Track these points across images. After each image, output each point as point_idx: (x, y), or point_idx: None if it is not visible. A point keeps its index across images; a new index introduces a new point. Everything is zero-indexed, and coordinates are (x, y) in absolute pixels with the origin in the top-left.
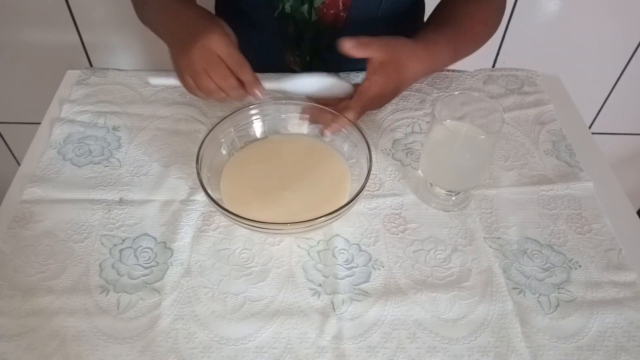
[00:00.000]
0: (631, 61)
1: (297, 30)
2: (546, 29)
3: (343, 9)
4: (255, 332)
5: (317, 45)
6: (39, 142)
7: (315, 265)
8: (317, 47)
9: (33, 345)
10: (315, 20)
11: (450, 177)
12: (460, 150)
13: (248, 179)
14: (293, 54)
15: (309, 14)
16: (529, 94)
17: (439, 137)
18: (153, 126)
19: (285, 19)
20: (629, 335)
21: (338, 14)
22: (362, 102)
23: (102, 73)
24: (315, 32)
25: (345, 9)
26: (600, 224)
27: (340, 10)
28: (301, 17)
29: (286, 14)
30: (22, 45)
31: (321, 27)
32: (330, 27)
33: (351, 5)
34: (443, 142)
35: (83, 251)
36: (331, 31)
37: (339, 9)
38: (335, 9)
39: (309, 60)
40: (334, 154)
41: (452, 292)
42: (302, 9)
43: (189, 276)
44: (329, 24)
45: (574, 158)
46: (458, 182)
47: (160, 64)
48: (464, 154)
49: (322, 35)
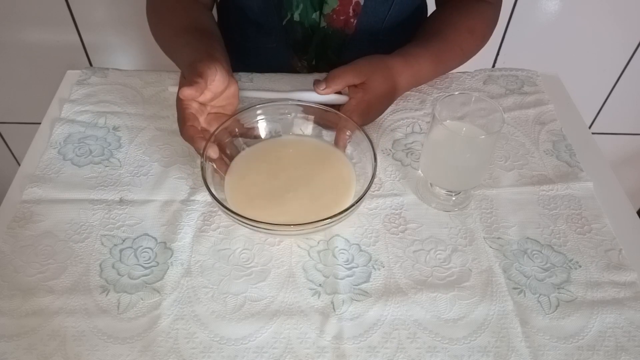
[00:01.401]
0: (631, 61)
1: (305, 37)
2: (546, 29)
3: (353, 15)
4: (256, 332)
5: (324, 49)
6: (39, 142)
7: (315, 265)
8: (325, 51)
9: (33, 345)
10: (324, 26)
11: (450, 177)
12: (461, 150)
13: (251, 179)
14: (300, 58)
15: (318, 20)
16: (529, 94)
17: (439, 137)
18: (153, 126)
19: (294, 26)
20: (629, 335)
21: (348, 20)
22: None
23: (102, 73)
24: (324, 36)
25: (355, 15)
26: (600, 224)
27: (350, 17)
28: (310, 24)
29: (295, 21)
30: (22, 45)
31: (330, 32)
32: (340, 32)
33: (361, 12)
34: (443, 142)
35: (83, 251)
36: (340, 36)
37: (349, 15)
38: (345, 15)
39: (315, 64)
40: (338, 155)
41: (452, 292)
42: (312, 17)
43: (189, 276)
44: (338, 29)
45: (574, 158)
46: (458, 182)
47: (160, 64)
48: (464, 154)
49: (330, 40)
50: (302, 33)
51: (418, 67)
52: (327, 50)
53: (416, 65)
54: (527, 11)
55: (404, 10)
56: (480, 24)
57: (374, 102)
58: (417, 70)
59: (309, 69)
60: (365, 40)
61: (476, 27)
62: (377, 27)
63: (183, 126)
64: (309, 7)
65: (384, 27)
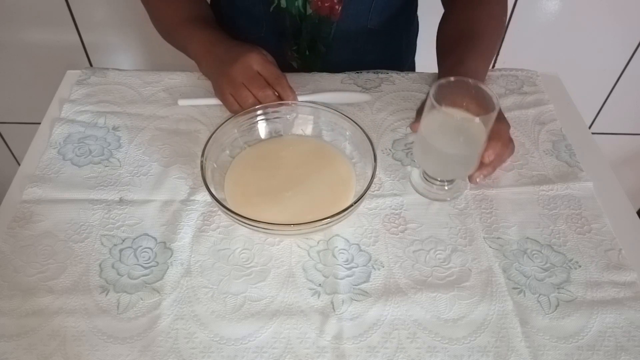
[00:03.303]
0: (631, 61)
1: (293, 24)
2: (546, 29)
3: (338, 2)
4: (255, 332)
5: (314, 39)
6: (39, 142)
7: (315, 265)
8: (315, 41)
9: (33, 345)
10: (311, 13)
11: (442, 164)
12: (455, 135)
13: (252, 179)
14: (291, 48)
15: (304, 7)
16: (529, 94)
17: (434, 121)
18: (153, 126)
19: (281, 14)
20: (629, 335)
21: (333, 7)
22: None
23: (102, 73)
24: (312, 26)
25: (339, 1)
26: (600, 224)
27: (335, 3)
28: (297, 11)
29: (281, 8)
30: (22, 45)
31: (317, 20)
32: (327, 20)
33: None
34: (438, 127)
35: (83, 251)
36: (327, 24)
37: (334, 1)
38: (330, 2)
39: (307, 55)
40: (338, 155)
41: (452, 292)
42: (296, 3)
43: (189, 276)
44: (325, 17)
45: (574, 158)
46: (450, 169)
47: (160, 64)
48: (458, 139)
49: (319, 29)
50: (290, 21)
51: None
52: (318, 41)
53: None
54: (527, 11)
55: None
56: (496, 21)
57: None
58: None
59: (301, 60)
60: (352, 29)
61: (493, 11)
62: (364, 14)
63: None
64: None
65: (370, 13)
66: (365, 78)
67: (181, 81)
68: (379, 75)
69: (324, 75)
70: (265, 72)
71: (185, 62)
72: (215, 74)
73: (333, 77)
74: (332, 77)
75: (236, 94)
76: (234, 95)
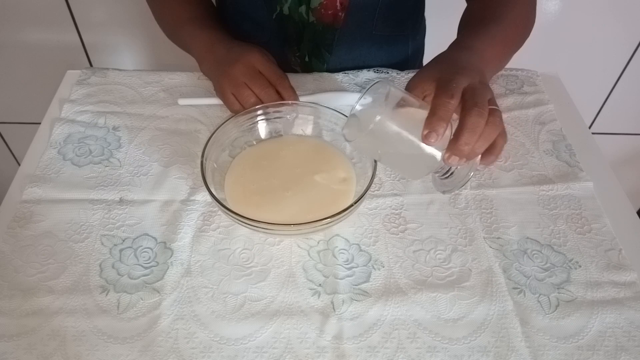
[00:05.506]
0: (631, 61)
1: (296, 31)
2: (546, 29)
3: (341, 9)
4: (255, 332)
5: (317, 45)
6: (39, 142)
7: (315, 265)
8: (317, 47)
9: (33, 345)
10: (314, 21)
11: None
12: (393, 137)
13: (252, 179)
14: (293, 54)
15: (307, 15)
16: (529, 94)
17: (399, 122)
18: (153, 126)
19: (284, 21)
20: (629, 335)
21: (336, 14)
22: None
23: (102, 73)
24: (314, 32)
25: (343, 9)
26: (600, 224)
27: (338, 11)
28: (299, 18)
29: (284, 15)
30: (22, 45)
31: (320, 27)
32: (329, 27)
33: (349, 5)
34: (401, 125)
35: (83, 251)
36: (330, 31)
37: (337, 9)
38: (333, 10)
39: (308, 61)
40: (338, 155)
41: (452, 292)
42: (299, 11)
43: (189, 276)
44: (328, 24)
45: (574, 158)
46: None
47: (160, 64)
48: (398, 139)
49: (322, 36)
50: (293, 27)
51: (482, 48)
52: (320, 47)
53: (480, 47)
54: None
55: (396, 4)
56: (524, 16)
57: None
58: (482, 51)
59: (303, 65)
60: (357, 36)
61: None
62: (369, 22)
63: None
64: (297, 1)
65: (375, 21)
66: (365, 78)
67: (181, 81)
68: (379, 74)
69: (323, 75)
70: (267, 71)
71: (185, 62)
72: (217, 74)
73: (333, 77)
74: (332, 77)
75: (238, 93)
76: (236, 94)
